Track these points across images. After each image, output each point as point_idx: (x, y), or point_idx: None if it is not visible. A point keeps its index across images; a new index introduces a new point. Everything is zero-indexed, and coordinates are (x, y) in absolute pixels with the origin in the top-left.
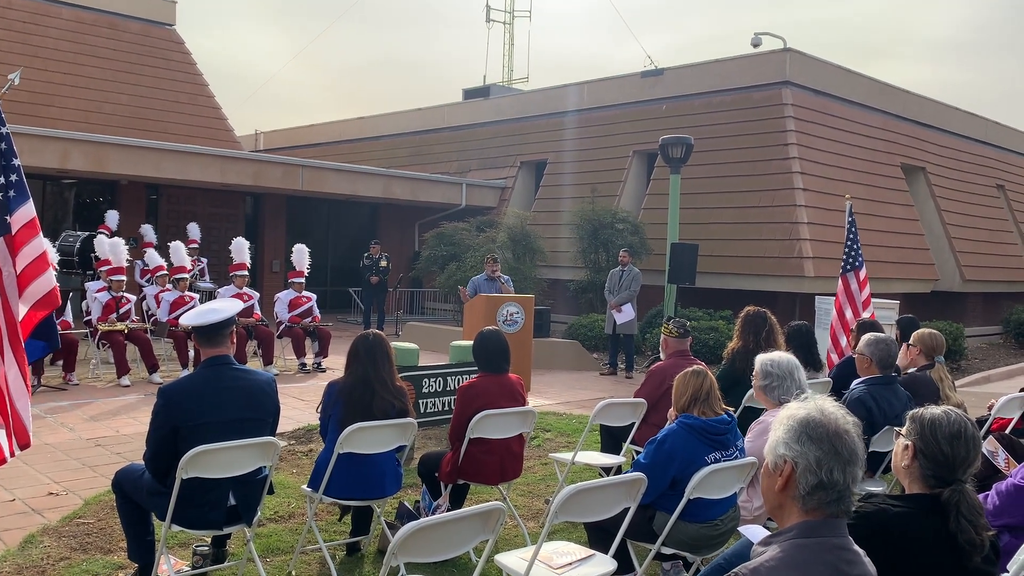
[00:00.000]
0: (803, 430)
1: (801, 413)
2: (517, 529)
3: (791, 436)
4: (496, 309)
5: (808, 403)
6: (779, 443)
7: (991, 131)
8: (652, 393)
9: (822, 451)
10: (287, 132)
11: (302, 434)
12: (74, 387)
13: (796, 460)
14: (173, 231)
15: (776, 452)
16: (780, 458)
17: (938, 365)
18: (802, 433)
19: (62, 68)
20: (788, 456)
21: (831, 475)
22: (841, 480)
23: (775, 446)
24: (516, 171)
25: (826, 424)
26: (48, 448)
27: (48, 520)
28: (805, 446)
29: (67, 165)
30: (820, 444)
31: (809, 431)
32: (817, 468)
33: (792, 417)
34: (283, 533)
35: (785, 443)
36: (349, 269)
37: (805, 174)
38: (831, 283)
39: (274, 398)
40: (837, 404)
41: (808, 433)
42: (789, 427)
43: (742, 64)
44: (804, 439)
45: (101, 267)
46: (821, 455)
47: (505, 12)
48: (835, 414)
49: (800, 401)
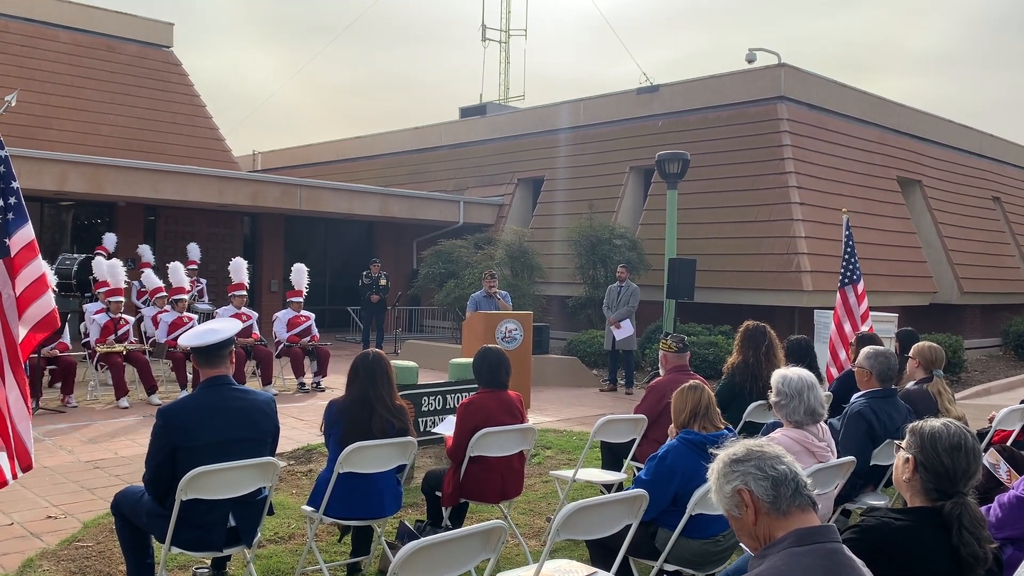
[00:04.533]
0: (729, 463)
1: (721, 458)
2: (518, 547)
3: (726, 475)
4: (495, 326)
5: (722, 450)
6: (722, 487)
7: (986, 144)
8: (652, 409)
9: (752, 461)
10: (284, 152)
11: (301, 454)
12: (72, 409)
13: (745, 482)
14: (171, 252)
15: (726, 496)
16: (734, 494)
17: (936, 379)
18: (729, 465)
19: (60, 91)
20: (737, 485)
21: (776, 469)
22: (787, 470)
23: (721, 494)
24: (513, 188)
25: (741, 449)
26: (46, 471)
27: (47, 544)
28: (741, 467)
29: (65, 187)
30: (747, 460)
31: (734, 460)
32: (762, 473)
33: (716, 469)
34: (283, 554)
35: (726, 481)
36: (347, 288)
37: (802, 188)
38: (829, 297)
39: (273, 418)
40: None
41: (733, 460)
42: (720, 473)
43: (737, 80)
44: (735, 465)
45: (99, 289)
46: (754, 463)
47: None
48: (743, 442)
49: (718, 452)
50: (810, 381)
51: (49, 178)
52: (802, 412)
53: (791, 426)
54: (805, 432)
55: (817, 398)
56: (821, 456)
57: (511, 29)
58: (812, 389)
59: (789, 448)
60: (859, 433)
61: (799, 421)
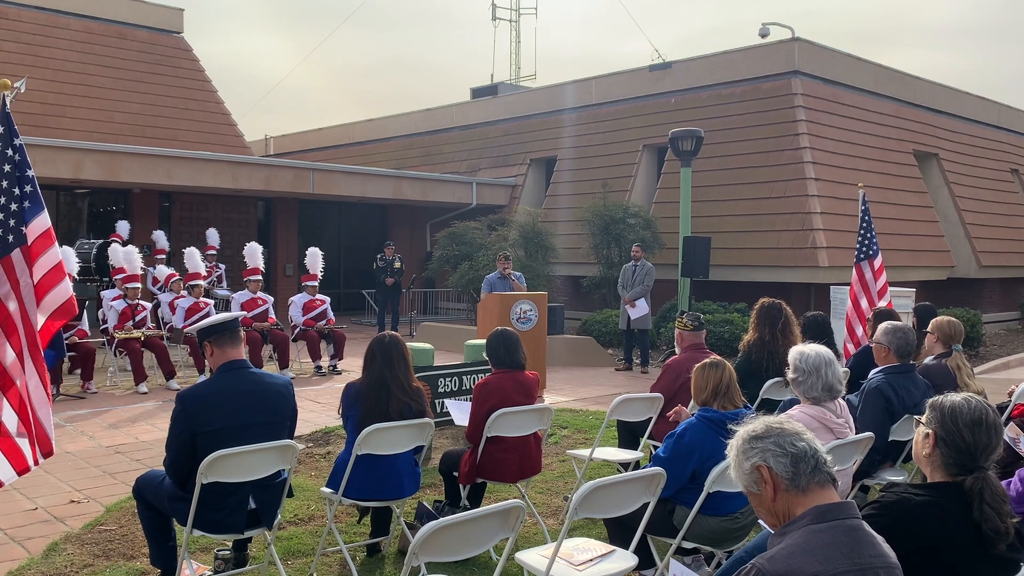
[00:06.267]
0: (748, 439)
1: (740, 435)
2: (537, 526)
3: (745, 451)
4: (509, 307)
5: (741, 427)
6: (742, 463)
7: (1004, 115)
8: (669, 387)
9: (771, 438)
10: (297, 136)
11: (319, 436)
12: (92, 395)
13: (764, 459)
14: (186, 238)
15: (745, 472)
16: (752, 471)
17: (956, 353)
18: (749, 441)
19: (72, 79)
20: (756, 462)
21: (795, 446)
22: (807, 447)
23: (740, 471)
24: (526, 169)
25: (760, 425)
26: (69, 456)
27: (71, 528)
28: (760, 444)
29: (80, 175)
30: (767, 437)
31: (753, 436)
32: (781, 450)
33: (735, 446)
34: (303, 536)
35: (746, 458)
36: (362, 271)
37: (817, 164)
38: (846, 272)
39: (291, 401)
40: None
41: (753, 437)
42: (740, 449)
43: (750, 55)
44: (754, 442)
45: (116, 275)
46: (773, 440)
47: (511, 10)
48: (763, 419)
49: (738, 427)
50: (828, 357)
51: (64, 166)
52: (820, 388)
53: (808, 403)
54: (823, 408)
55: (835, 374)
56: (839, 432)
57: (521, 8)
58: (830, 365)
59: (807, 425)
60: (877, 409)
61: (816, 397)
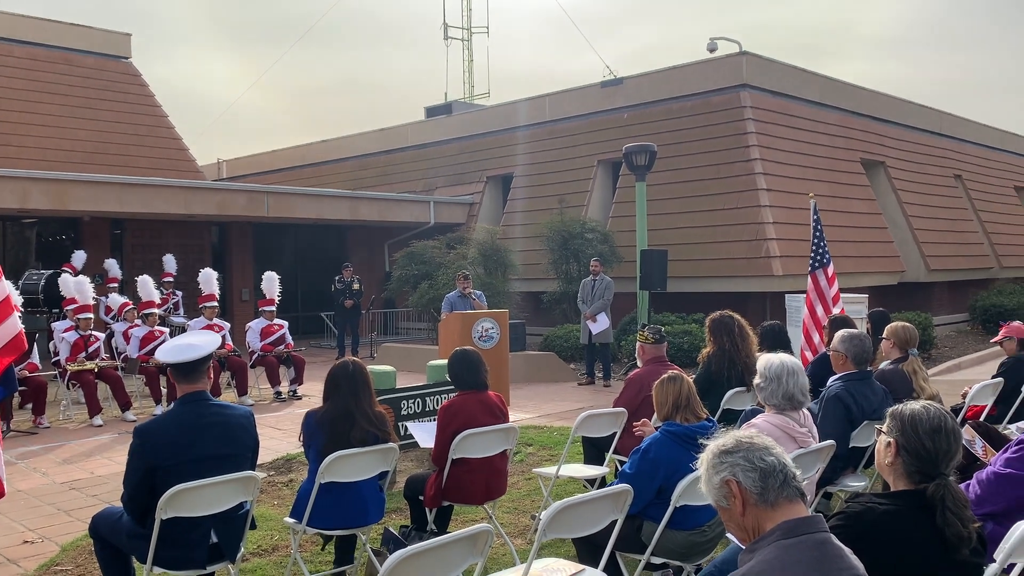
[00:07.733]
0: (718, 454)
1: (710, 449)
2: (505, 547)
3: (715, 466)
4: (471, 326)
5: (712, 441)
6: (711, 478)
7: (946, 123)
8: (632, 401)
9: (741, 453)
10: (250, 159)
11: (281, 464)
12: (45, 430)
13: (733, 473)
14: (140, 265)
15: (715, 487)
16: (722, 485)
17: (912, 357)
18: (718, 456)
19: (17, 106)
20: (726, 476)
21: (764, 461)
22: (776, 461)
23: (710, 485)
24: (483, 186)
25: (730, 440)
26: (21, 495)
27: (24, 569)
28: (729, 459)
29: (27, 204)
30: (736, 451)
31: (723, 451)
32: (750, 464)
33: (705, 460)
34: (268, 567)
35: (715, 472)
36: (320, 293)
37: (768, 174)
38: (800, 281)
39: (252, 432)
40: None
41: (722, 452)
42: (710, 463)
43: (700, 69)
44: (724, 457)
45: (67, 306)
46: (743, 455)
47: (463, 29)
48: (733, 434)
49: (708, 441)
50: (792, 367)
51: (10, 196)
52: (780, 396)
53: (772, 411)
54: (786, 418)
55: (797, 384)
56: (802, 441)
57: (472, 27)
58: (792, 375)
59: (770, 434)
60: (837, 416)
61: (778, 405)
